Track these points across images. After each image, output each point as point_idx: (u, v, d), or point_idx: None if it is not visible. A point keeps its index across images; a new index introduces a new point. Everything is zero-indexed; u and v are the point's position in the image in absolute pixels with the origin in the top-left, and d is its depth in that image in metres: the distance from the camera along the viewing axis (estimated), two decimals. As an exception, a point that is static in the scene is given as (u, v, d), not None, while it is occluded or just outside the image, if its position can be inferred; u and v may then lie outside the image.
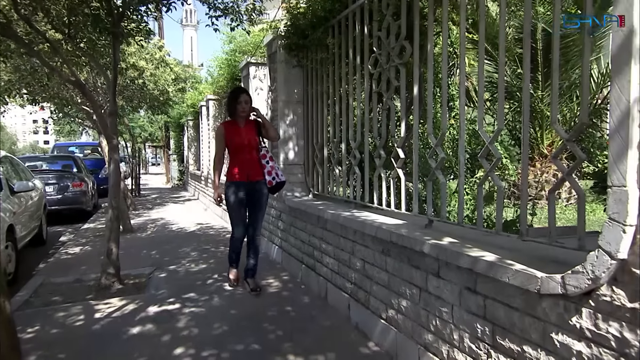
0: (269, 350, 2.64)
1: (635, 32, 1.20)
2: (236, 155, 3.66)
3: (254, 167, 3.65)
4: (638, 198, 1.22)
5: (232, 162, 3.68)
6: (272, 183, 3.67)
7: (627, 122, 1.22)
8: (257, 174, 3.66)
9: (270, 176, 3.66)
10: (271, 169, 3.67)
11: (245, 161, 3.63)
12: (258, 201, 3.70)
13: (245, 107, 3.64)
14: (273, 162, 3.72)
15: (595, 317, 1.35)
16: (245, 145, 3.63)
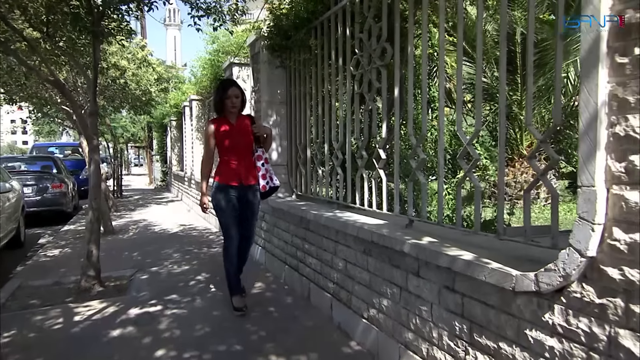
0: (251, 350, 2.64)
1: (602, 38, 1.24)
2: (228, 156, 3.22)
3: (247, 169, 3.24)
4: (606, 198, 1.26)
5: (223, 164, 3.24)
6: (266, 188, 3.31)
7: (595, 125, 1.26)
8: (250, 177, 3.25)
9: (264, 180, 3.29)
10: (266, 172, 3.31)
11: (238, 163, 3.21)
12: (250, 208, 3.30)
13: (235, 102, 3.21)
14: (268, 165, 3.35)
15: (566, 313, 1.39)
16: (239, 145, 3.22)
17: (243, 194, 3.24)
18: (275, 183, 3.38)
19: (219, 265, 4.71)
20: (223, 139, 3.21)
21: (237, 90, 3.24)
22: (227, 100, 3.20)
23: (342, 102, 3.42)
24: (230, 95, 3.19)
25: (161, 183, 16.99)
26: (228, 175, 3.21)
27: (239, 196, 3.23)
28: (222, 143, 3.22)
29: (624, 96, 1.21)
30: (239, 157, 3.23)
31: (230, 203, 3.22)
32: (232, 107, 3.22)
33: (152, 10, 4.38)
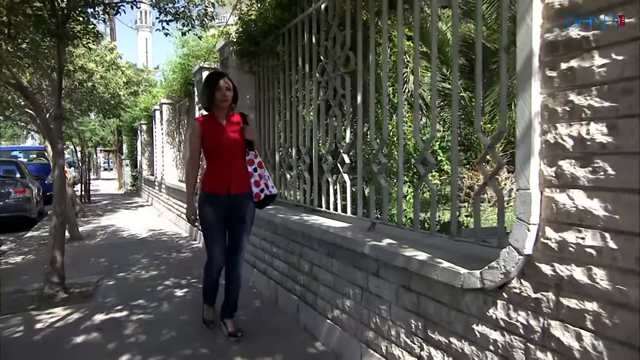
0: (216, 354, 2.66)
1: (535, 54, 1.35)
2: (215, 159, 2.83)
3: (238, 175, 2.82)
4: (539, 200, 1.37)
5: (210, 169, 2.85)
6: (260, 196, 2.82)
7: (530, 133, 1.37)
8: (241, 185, 2.81)
9: (258, 187, 2.82)
10: (259, 179, 2.83)
11: (227, 168, 2.80)
12: (241, 220, 2.84)
13: (227, 94, 2.77)
14: (263, 170, 2.87)
15: (507, 308, 1.49)
16: (228, 147, 2.80)
17: (233, 202, 2.80)
18: (271, 190, 2.87)
19: (187, 269, 4.71)
20: (211, 141, 2.80)
21: (228, 82, 2.81)
22: (217, 92, 2.76)
23: (310, 108, 3.49)
24: (221, 86, 2.76)
25: (131, 188, 16.65)
26: (215, 183, 2.80)
27: (228, 206, 2.80)
28: (210, 145, 2.81)
29: (553, 107, 1.32)
30: (228, 162, 2.81)
31: (217, 214, 2.78)
32: (222, 99, 2.77)
33: (119, 14, 4.37)
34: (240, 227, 2.86)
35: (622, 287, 1.15)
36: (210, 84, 2.79)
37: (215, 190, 2.79)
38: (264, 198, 2.85)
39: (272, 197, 2.89)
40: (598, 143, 1.20)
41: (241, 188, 2.82)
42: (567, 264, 1.29)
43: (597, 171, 1.21)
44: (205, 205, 2.81)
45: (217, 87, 2.76)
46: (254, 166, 2.85)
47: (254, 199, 2.83)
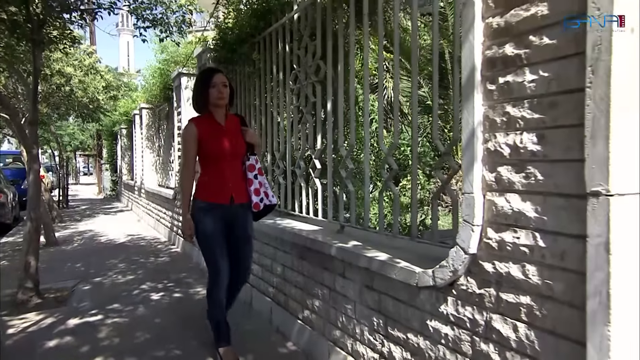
0: (189, 355, 2.71)
1: (477, 69, 1.47)
2: (216, 165, 2.51)
3: (238, 183, 2.54)
4: (482, 203, 1.48)
5: (209, 176, 2.52)
6: (260, 207, 2.55)
7: (473, 141, 1.49)
8: (242, 194, 2.54)
9: (257, 196, 2.54)
10: (259, 186, 2.56)
11: (226, 175, 2.50)
12: (244, 233, 2.58)
13: (223, 90, 2.48)
14: (263, 177, 2.61)
15: (456, 304, 1.60)
16: (228, 152, 2.50)
17: (233, 215, 2.52)
18: (272, 200, 2.60)
19: (165, 273, 4.73)
20: (211, 144, 2.49)
21: (224, 78, 2.52)
22: (213, 89, 2.46)
23: (284, 114, 3.58)
24: (216, 82, 2.46)
25: (111, 193, 16.46)
26: (214, 191, 2.50)
27: (228, 218, 2.51)
28: (210, 149, 2.49)
29: (493, 117, 1.44)
30: (228, 168, 2.51)
31: (218, 227, 2.48)
32: (219, 97, 2.47)
33: (96, 19, 4.40)
34: (243, 241, 2.59)
35: (549, 282, 1.27)
36: (204, 80, 2.50)
37: (217, 200, 2.49)
38: (264, 208, 2.57)
39: (271, 207, 2.61)
40: (529, 151, 1.32)
41: (243, 197, 2.54)
42: (506, 262, 1.40)
43: (529, 177, 1.33)
44: (205, 216, 2.46)
45: (212, 83, 2.46)
46: (254, 172, 2.56)
47: (253, 209, 2.55)
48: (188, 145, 2.50)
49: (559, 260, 1.24)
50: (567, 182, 1.22)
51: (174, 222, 6.49)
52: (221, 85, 2.49)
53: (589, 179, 1.13)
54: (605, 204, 1.10)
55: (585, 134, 1.14)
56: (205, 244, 2.50)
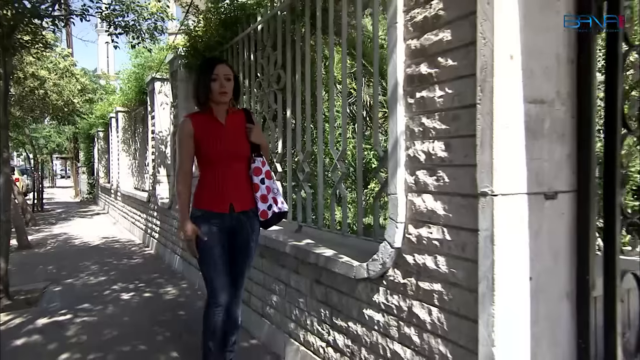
0: (154, 350, 2.84)
1: (399, 84, 1.66)
2: (214, 168, 2.20)
3: (242, 188, 2.23)
4: (405, 202, 1.68)
5: (207, 180, 2.22)
6: (268, 215, 2.24)
7: (397, 148, 1.68)
8: (246, 201, 2.23)
9: (265, 203, 2.23)
10: (267, 192, 2.24)
11: (229, 179, 2.20)
12: (245, 245, 2.26)
13: (226, 85, 2.17)
14: (271, 181, 2.28)
15: (386, 293, 1.79)
16: (232, 153, 2.21)
17: (234, 225, 2.21)
18: (282, 207, 2.28)
19: (136, 274, 4.82)
20: (209, 145, 2.19)
21: (228, 69, 2.20)
22: (215, 82, 2.15)
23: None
24: (219, 74, 2.15)
25: (88, 196, 16.29)
26: (215, 199, 2.19)
27: (229, 229, 2.21)
28: (208, 150, 2.20)
29: (412, 127, 1.63)
30: (227, 171, 2.21)
31: (215, 240, 2.18)
32: (221, 92, 2.16)
33: (68, 25, 4.49)
34: (243, 255, 2.26)
35: (454, 270, 1.46)
36: (205, 72, 2.18)
37: (214, 208, 2.18)
38: (272, 216, 2.25)
39: (281, 215, 2.29)
40: (439, 157, 1.52)
41: (246, 204, 2.23)
42: (422, 254, 1.60)
43: (439, 179, 1.52)
44: (202, 227, 2.16)
45: (213, 76, 2.15)
46: (261, 176, 2.24)
47: (260, 218, 2.25)
48: (182, 144, 2.22)
49: (461, 251, 1.44)
50: (466, 184, 1.41)
51: (149, 224, 6.57)
52: (224, 78, 2.16)
53: (479, 181, 1.33)
54: (491, 202, 1.30)
55: (477, 143, 1.34)
56: (201, 258, 2.20)
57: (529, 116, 1.34)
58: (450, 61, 1.46)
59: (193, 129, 2.19)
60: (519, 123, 1.32)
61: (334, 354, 2.14)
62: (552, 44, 1.38)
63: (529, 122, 1.34)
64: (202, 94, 2.20)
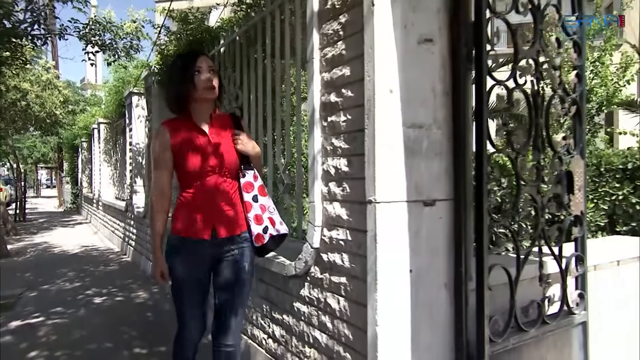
0: (119, 347, 3.08)
1: (316, 110, 1.97)
2: (194, 185, 1.85)
3: (229, 208, 1.87)
4: (322, 209, 1.97)
5: (185, 200, 1.87)
6: (264, 239, 1.90)
7: (315, 163, 1.98)
8: (234, 223, 1.88)
9: (259, 225, 1.90)
10: (261, 211, 1.91)
11: (212, 197, 1.85)
12: (234, 279, 1.91)
13: (211, 78, 1.83)
14: (266, 198, 1.95)
15: (310, 287, 2.07)
16: (216, 166, 1.85)
17: (220, 253, 1.88)
18: (280, 229, 1.96)
19: (111, 280, 5.04)
20: (187, 157, 1.83)
21: (211, 62, 1.89)
22: (198, 76, 1.80)
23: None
24: (201, 67, 1.82)
25: (71, 205, 16.35)
26: (190, 222, 1.84)
27: (210, 259, 1.89)
28: (186, 163, 1.83)
29: (326, 146, 1.93)
30: (210, 188, 1.84)
31: (197, 271, 1.87)
32: (207, 88, 1.82)
33: (46, 44, 4.75)
34: (231, 290, 1.91)
35: (354, 265, 1.76)
36: (184, 67, 1.82)
37: (192, 234, 1.83)
38: (270, 241, 1.91)
39: (280, 238, 1.97)
40: (344, 171, 1.82)
41: (234, 228, 1.87)
42: (333, 253, 1.89)
43: (344, 190, 1.82)
44: (176, 256, 1.85)
45: (195, 68, 1.80)
46: (253, 193, 1.91)
47: (254, 243, 1.90)
48: (157, 156, 1.86)
49: (358, 249, 1.74)
50: (361, 193, 1.71)
51: (126, 232, 6.78)
52: (208, 70, 1.82)
53: (366, 191, 1.64)
54: (374, 209, 1.60)
55: (365, 160, 1.65)
56: (174, 291, 1.92)
57: (408, 138, 1.65)
58: (350, 92, 1.77)
59: (170, 138, 1.83)
60: (399, 144, 1.63)
61: (273, 344, 2.42)
62: (428, 80, 1.69)
63: (408, 143, 1.65)
64: (180, 94, 1.82)
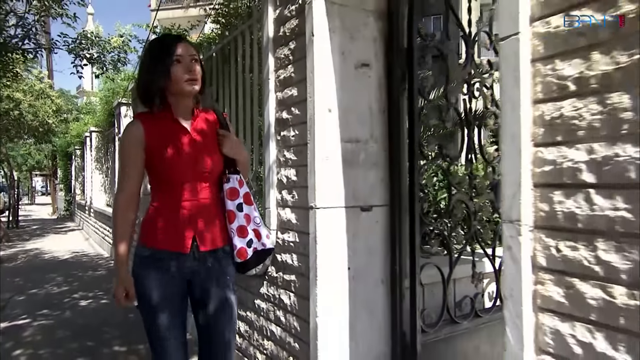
0: (100, 345, 3.27)
1: (272, 125, 2.19)
2: (167, 191, 1.60)
3: (211, 219, 1.63)
4: (276, 214, 2.18)
5: (160, 206, 1.61)
6: (247, 254, 1.67)
7: (271, 173, 2.20)
8: (215, 235, 1.63)
9: (243, 239, 1.66)
10: (246, 222, 1.67)
11: (187, 206, 1.58)
12: (216, 296, 1.65)
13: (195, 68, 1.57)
14: (251, 207, 1.69)
15: (268, 286, 2.28)
16: (192, 171, 1.59)
17: (197, 269, 1.61)
18: (266, 243, 1.73)
19: (98, 284, 5.22)
20: (166, 158, 1.56)
21: (192, 49, 1.60)
22: (178, 65, 1.53)
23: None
24: (182, 54, 1.54)
25: (65, 212, 16.49)
26: (167, 232, 1.57)
27: (188, 275, 1.61)
28: (164, 165, 1.57)
29: (280, 158, 2.15)
30: (190, 195, 1.59)
31: (169, 291, 1.57)
32: (190, 78, 1.54)
33: (37, 58, 4.97)
34: (218, 315, 1.65)
35: (301, 264, 1.97)
36: (161, 55, 1.54)
37: (168, 247, 1.56)
38: (253, 255, 1.68)
39: (265, 253, 1.74)
40: (293, 180, 2.04)
41: (216, 240, 1.62)
42: (286, 253, 2.10)
43: (294, 197, 2.04)
44: (148, 273, 1.55)
45: (175, 56, 1.53)
46: (237, 201, 1.66)
47: (237, 258, 1.66)
48: (127, 155, 1.58)
49: (304, 250, 1.95)
50: (306, 200, 1.93)
51: (115, 239, 6.96)
52: (190, 59, 1.55)
53: (309, 198, 1.85)
54: (314, 213, 1.82)
55: (308, 171, 1.87)
56: (146, 315, 1.57)
57: (346, 151, 1.87)
58: (297, 110, 1.99)
59: (144, 135, 1.54)
60: (337, 157, 1.85)
61: (239, 339, 2.62)
62: (365, 100, 1.92)
63: (346, 156, 1.87)
64: (156, 84, 1.53)
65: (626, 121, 0.86)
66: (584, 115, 0.92)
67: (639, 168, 0.84)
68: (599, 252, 0.90)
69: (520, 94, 1.02)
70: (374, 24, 1.94)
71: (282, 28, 2.10)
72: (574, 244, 0.94)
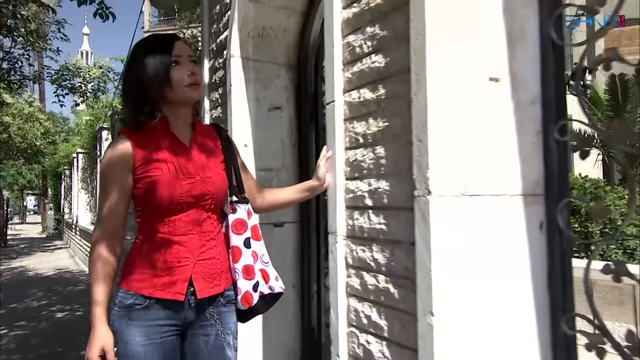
0: (69, 350, 3.62)
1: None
2: (163, 222, 1.22)
3: (213, 257, 1.28)
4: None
5: (149, 243, 1.23)
6: (252, 299, 1.31)
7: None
8: (218, 278, 1.29)
9: (249, 281, 1.32)
10: (253, 261, 1.36)
11: (189, 241, 1.23)
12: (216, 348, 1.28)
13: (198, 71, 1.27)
14: (259, 243, 1.42)
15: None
16: (198, 197, 1.24)
17: (194, 320, 1.27)
18: (274, 286, 1.40)
19: (76, 298, 5.56)
20: (161, 182, 1.21)
21: (189, 49, 1.32)
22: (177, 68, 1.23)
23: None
24: (182, 56, 1.25)
25: (54, 231, 16.75)
26: (156, 275, 1.22)
27: (183, 327, 1.27)
28: (158, 192, 1.21)
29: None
30: (194, 227, 1.25)
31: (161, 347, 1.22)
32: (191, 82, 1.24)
33: (22, 87, 5.41)
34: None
35: (225, 272, 2.37)
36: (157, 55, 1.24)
37: (159, 293, 1.21)
38: (259, 302, 1.34)
39: (274, 298, 1.41)
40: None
41: (217, 284, 1.29)
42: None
43: (222, 215, 2.45)
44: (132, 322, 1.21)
45: (174, 58, 1.24)
46: (245, 235, 1.37)
47: (240, 305, 1.31)
48: (110, 178, 1.25)
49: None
50: (229, 218, 2.34)
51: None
52: (189, 60, 1.28)
53: (229, 217, 2.26)
54: (232, 229, 2.22)
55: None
56: None
57: (260, 178, 2.28)
58: (224, 144, 2.42)
59: (133, 153, 1.22)
60: (253, 182, 2.27)
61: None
62: (278, 136, 2.35)
63: (261, 182, 2.28)
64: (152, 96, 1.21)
65: (384, 165, 1.28)
66: (365, 160, 1.35)
67: (388, 196, 1.26)
68: (374, 253, 1.31)
69: (336, 142, 1.45)
70: (285, 74, 2.39)
71: (214, 76, 2.55)
72: (363, 248, 1.36)
